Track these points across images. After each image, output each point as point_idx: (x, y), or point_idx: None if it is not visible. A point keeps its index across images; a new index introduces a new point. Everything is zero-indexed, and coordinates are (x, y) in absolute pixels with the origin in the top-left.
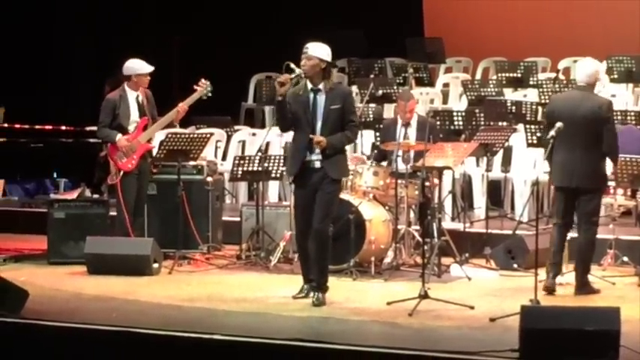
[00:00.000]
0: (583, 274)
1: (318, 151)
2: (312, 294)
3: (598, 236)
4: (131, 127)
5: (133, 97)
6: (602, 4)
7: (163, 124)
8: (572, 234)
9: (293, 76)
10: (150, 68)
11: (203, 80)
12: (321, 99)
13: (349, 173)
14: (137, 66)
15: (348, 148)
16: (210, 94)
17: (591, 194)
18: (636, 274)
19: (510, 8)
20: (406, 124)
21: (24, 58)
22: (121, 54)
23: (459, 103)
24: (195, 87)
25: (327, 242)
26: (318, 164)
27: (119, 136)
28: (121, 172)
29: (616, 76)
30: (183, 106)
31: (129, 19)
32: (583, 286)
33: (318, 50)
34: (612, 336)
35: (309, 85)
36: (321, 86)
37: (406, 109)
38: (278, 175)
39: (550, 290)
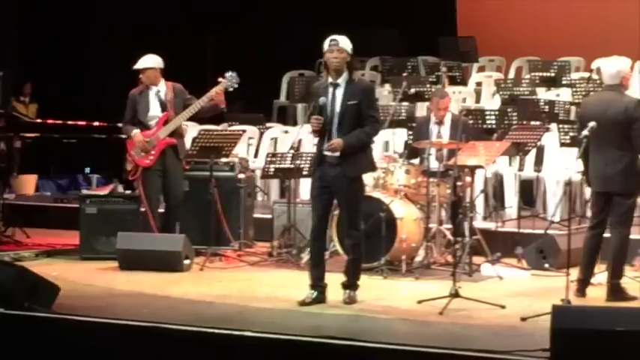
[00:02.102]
0: (613, 278)
1: None
2: (315, 296)
3: (630, 237)
4: (152, 123)
5: (154, 92)
6: (637, 4)
7: (184, 118)
8: (606, 234)
9: (319, 111)
10: (145, 64)
11: (230, 72)
12: (339, 94)
13: (374, 168)
14: (140, 61)
15: (379, 146)
16: (236, 86)
17: (623, 197)
18: None
19: (544, 7)
20: (439, 123)
21: (60, 54)
22: (155, 52)
23: (491, 102)
24: (220, 79)
25: (361, 246)
26: (334, 160)
27: (135, 131)
28: (140, 168)
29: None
30: (215, 92)
31: (164, 18)
32: (614, 293)
33: (347, 43)
34: None
35: (330, 79)
36: (340, 80)
37: (440, 107)
38: (310, 173)
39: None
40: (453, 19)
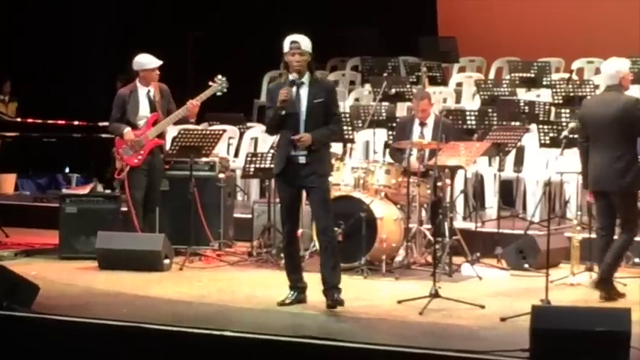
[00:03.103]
0: (606, 271)
1: (302, 148)
2: (294, 297)
3: None
4: (141, 123)
5: (144, 92)
6: (617, 4)
7: (173, 120)
8: (585, 234)
9: (290, 85)
10: (157, 63)
11: (219, 76)
12: (304, 93)
13: (332, 169)
14: (144, 60)
15: (360, 146)
16: (225, 90)
17: (622, 196)
18: None
19: (524, 8)
20: (423, 124)
21: (40, 53)
22: (135, 51)
23: (471, 103)
24: (210, 83)
25: (337, 246)
26: (303, 159)
27: (127, 129)
28: (128, 167)
29: (631, 78)
30: (193, 102)
31: (144, 16)
32: (603, 282)
33: (308, 44)
34: (622, 337)
35: (291, 78)
36: (304, 79)
37: (418, 108)
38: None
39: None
40: (434, 19)
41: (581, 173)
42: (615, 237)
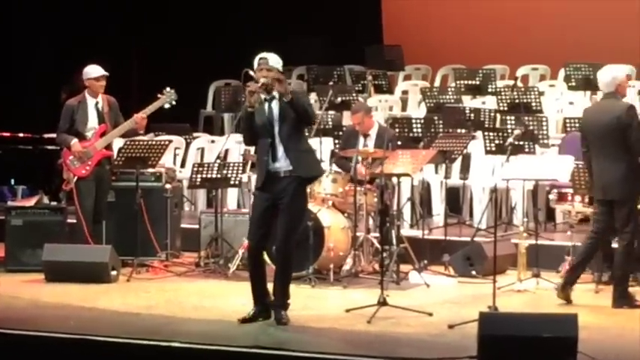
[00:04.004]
0: (617, 285)
1: (283, 159)
2: (257, 313)
3: (555, 243)
4: (89, 134)
5: (92, 103)
6: (559, 12)
7: (121, 131)
8: (531, 241)
9: (261, 84)
10: (101, 72)
11: (168, 89)
12: (276, 106)
13: (323, 171)
14: (90, 70)
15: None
16: (174, 103)
17: (621, 204)
18: (593, 281)
19: (468, 16)
20: (365, 135)
21: None
22: (80, 62)
23: (417, 111)
24: (158, 95)
25: (291, 262)
26: (282, 173)
27: (74, 140)
28: (75, 178)
29: (574, 84)
30: (139, 116)
31: (89, 27)
32: (619, 299)
33: (275, 61)
34: (570, 342)
35: (262, 96)
36: (275, 94)
37: (353, 122)
38: (237, 183)
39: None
40: (379, 27)
41: (588, 182)
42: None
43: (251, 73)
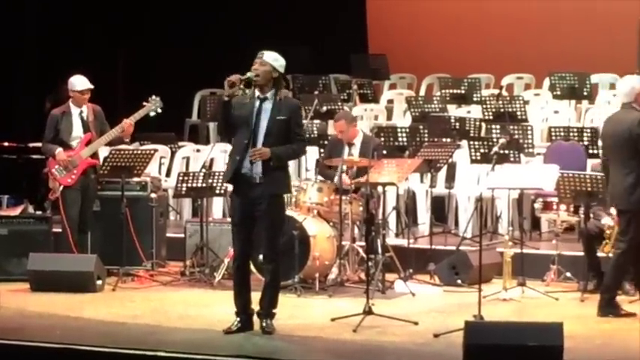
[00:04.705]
0: (603, 294)
1: (259, 163)
2: (240, 324)
3: (541, 252)
4: (74, 143)
5: (77, 112)
6: (544, 21)
7: (107, 139)
8: (516, 249)
9: (244, 77)
10: (87, 85)
11: (153, 96)
12: (268, 108)
13: (290, 190)
14: (75, 82)
15: (291, 163)
16: (159, 110)
17: (626, 214)
18: (579, 289)
19: (453, 25)
20: (349, 144)
21: None
22: (65, 71)
23: (403, 120)
24: (144, 103)
25: (279, 274)
26: (257, 179)
27: (58, 150)
28: (61, 187)
29: (559, 93)
30: (127, 122)
31: (74, 35)
32: (605, 307)
33: (272, 57)
34: (555, 351)
35: (257, 93)
36: (269, 95)
37: (335, 130)
38: (222, 192)
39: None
40: (364, 36)
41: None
42: None
43: (248, 74)
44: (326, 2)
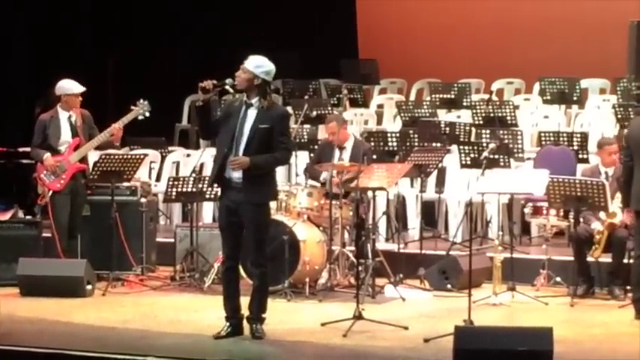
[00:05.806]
0: (636, 302)
1: (240, 171)
2: (230, 329)
3: (530, 256)
4: (62, 148)
5: (65, 117)
6: (533, 26)
7: (95, 143)
8: (506, 254)
9: (218, 83)
10: (80, 89)
11: (141, 100)
12: (252, 115)
13: (276, 197)
14: (68, 86)
15: (281, 168)
16: (147, 114)
17: (637, 214)
18: (569, 294)
19: (443, 30)
20: (340, 147)
21: None
22: (54, 75)
23: (393, 124)
24: (132, 107)
25: (267, 280)
26: (239, 183)
27: (46, 155)
28: (50, 192)
29: (549, 98)
30: (115, 127)
31: (63, 40)
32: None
33: (253, 64)
34: (545, 356)
35: (244, 99)
36: (254, 101)
37: (326, 132)
38: (212, 196)
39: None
40: (354, 41)
41: (621, 191)
42: None
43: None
44: (316, 7)
